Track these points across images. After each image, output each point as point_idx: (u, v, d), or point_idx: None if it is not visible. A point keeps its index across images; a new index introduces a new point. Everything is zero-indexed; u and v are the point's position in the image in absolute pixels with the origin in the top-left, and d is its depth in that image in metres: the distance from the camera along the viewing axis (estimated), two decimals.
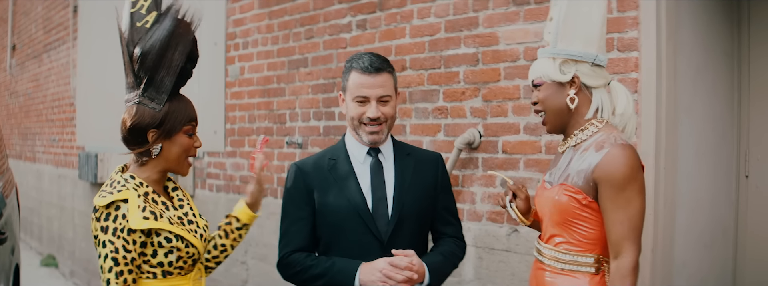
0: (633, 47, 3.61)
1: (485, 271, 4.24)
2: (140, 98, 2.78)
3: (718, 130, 3.84)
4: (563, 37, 2.73)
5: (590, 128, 2.74)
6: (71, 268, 9.86)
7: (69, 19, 10.03)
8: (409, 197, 3.12)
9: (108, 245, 2.65)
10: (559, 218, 2.70)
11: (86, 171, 8.75)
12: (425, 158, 3.26)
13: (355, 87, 3.06)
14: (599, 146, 2.65)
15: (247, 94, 6.19)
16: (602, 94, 2.77)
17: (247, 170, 6.15)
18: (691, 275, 3.73)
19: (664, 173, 3.55)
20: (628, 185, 2.58)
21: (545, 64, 2.76)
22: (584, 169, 2.64)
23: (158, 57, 2.74)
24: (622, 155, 2.59)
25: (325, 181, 3.14)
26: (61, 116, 10.51)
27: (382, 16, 4.91)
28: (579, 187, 2.65)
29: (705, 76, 3.78)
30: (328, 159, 3.19)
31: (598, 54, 2.74)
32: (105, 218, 2.67)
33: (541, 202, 2.82)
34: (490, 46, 4.22)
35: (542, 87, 2.77)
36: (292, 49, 5.69)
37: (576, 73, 2.72)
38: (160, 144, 2.80)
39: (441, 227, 3.24)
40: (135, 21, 2.78)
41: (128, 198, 2.70)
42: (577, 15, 2.72)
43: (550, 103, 2.77)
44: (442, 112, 4.51)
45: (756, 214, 3.81)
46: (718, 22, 3.84)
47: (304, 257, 3.11)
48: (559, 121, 2.79)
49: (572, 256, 2.69)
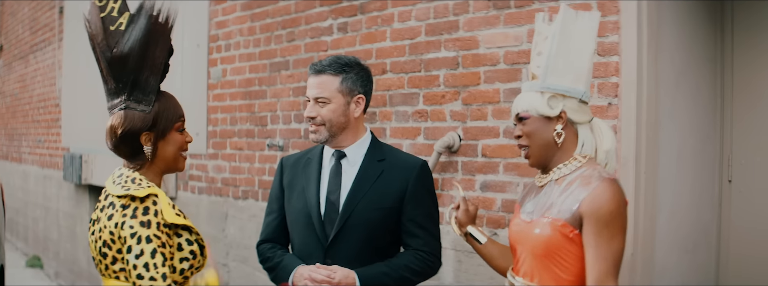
0: (613, 52, 3.58)
1: (464, 274, 4.21)
2: (127, 103, 2.68)
3: (700, 134, 3.82)
4: (554, 72, 2.71)
5: (573, 163, 2.73)
6: (56, 269, 9.84)
7: (55, 21, 10.00)
8: (361, 205, 3.08)
9: (154, 240, 2.52)
10: (542, 252, 2.64)
11: (71, 172, 8.73)
12: (401, 164, 3.19)
13: (308, 88, 3.15)
14: (586, 180, 2.63)
15: (229, 96, 6.17)
16: (586, 131, 2.77)
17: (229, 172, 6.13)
18: (673, 279, 3.71)
19: (644, 177, 3.53)
20: (613, 221, 2.56)
21: (533, 98, 2.73)
22: (571, 203, 2.61)
23: (140, 58, 2.64)
24: (610, 190, 2.58)
25: (296, 179, 3.20)
26: (46, 117, 10.49)
27: (363, 19, 4.89)
28: (566, 220, 2.61)
29: (687, 80, 3.76)
30: (306, 157, 3.24)
31: (586, 90, 2.75)
32: (144, 213, 2.55)
33: (519, 235, 2.76)
34: (471, 50, 4.20)
35: (528, 121, 2.74)
36: (274, 51, 5.66)
37: (564, 109, 2.71)
38: (155, 146, 2.70)
39: (406, 238, 3.17)
40: (107, 25, 2.67)
41: (158, 193, 2.62)
42: (569, 50, 2.71)
43: (536, 138, 2.74)
44: (422, 115, 4.48)
45: (739, 219, 3.80)
46: (701, 25, 3.82)
47: (267, 249, 3.24)
48: (544, 155, 2.76)
49: None
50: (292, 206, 3.18)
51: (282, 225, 3.24)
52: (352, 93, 3.11)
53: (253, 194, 5.84)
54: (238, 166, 6.03)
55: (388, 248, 3.17)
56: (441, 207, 4.31)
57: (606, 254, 2.55)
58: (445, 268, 4.29)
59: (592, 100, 3.63)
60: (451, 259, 4.27)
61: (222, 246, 6.12)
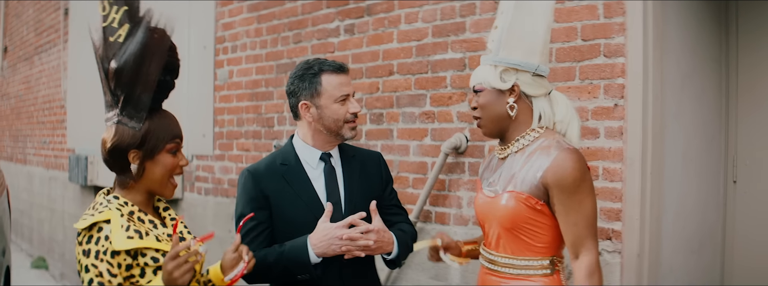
0: (619, 53, 3.60)
1: (471, 275, 4.23)
2: (119, 117, 2.63)
3: (705, 135, 3.84)
4: (506, 45, 2.74)
5: (532, 134, 2.77)
6: (61, 270, 9.84)
7: (60, 22, 10.01)
8: (359, 200, 3.16)
9: (92, 270, 2.48)
10: (510, 225, 2.71)
11: (77, 173, 8.74)
12: (368, 157, 3.32)
13: (333, 88, 3.09)
14: (545, 151, 2.69)
15: (235, 97, 6.18)
16: (543, 103, 2.79)
17: (235, 173, 6.14)
18: (679, 280, 3.73)
19: (650, 178, 3.55)
20: (578, 187, 2.63)
21: (486, 71, 2.78)
22: (532, 174, 2.67)
23: (133, 73, 2.57)
24: (570, 158, 2.64)
25: (280, 186, 3.14)
26: (51, 118, 10.49)
27: (370, 20, 4.90)
28: (529, 192, 2.67)
29: (692, 81, 3.78)
30: (279, 164, 3.18)
31: (540, 64, 2.76)
32: (87, 241, 2.50)
33: (485, 210, 2.82)
34: (477, 52, 4.21)
35: (482, 93, 2.79)
36: (281, 53, 5.68)
37: (516, 82, 2.74)
38: (143, 165, 2.63)
39: (392, 218, 3.28)
40: (107, 35, 2.61)
41: (110, 218, 2.53)
42: (522, 25, 2.74)
43: (489, 110, 2.79)
44: (429, 116, 4.50)
45: (744, 219, 3.82)
46: (706, 27, 3.84)
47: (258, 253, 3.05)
48: (496, 127, 2.81)
49: (527, 261, 2.73)
50: (289, 212, 3.12)
51: (270, 236, 3.15)
52: None
53: None
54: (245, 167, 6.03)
55: None
56: (447, 208, 4.35)
57: (576, 220, 2.64)
58: (452, 269, 4.31)
59: (599, 101, 3.65)
60: None
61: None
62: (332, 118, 3.10)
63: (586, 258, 2.63)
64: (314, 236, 3.03)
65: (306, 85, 3.09)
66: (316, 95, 3.09)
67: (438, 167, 4.33)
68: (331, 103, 3.09)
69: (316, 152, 3.18)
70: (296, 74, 3.13)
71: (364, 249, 3.02)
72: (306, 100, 3.10)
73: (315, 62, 3.12)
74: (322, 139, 3.16)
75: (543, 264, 2.71)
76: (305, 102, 3.10)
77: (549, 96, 2.83)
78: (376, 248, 3.04)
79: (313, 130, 3.15)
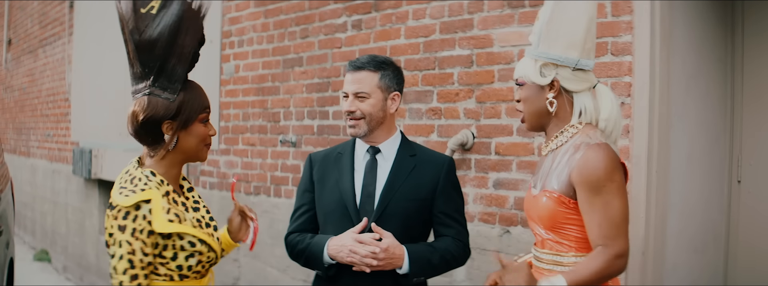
0: (627, 51, 3.61)
1: (477, 271, 4.24)
2: (151, 89, 2.60)
3: (710, 135, 3.85)
4: (545, 39, 2.68)
5: (570, 130, 2.71)
6: (64, 263, 9.86)
7: (65, 15, 10.02)
8: (396, 197, 3.18)
9: (124, 246, 2.49)
10: (550, 223, 2.66)
11: (80, 167, 8.75)
12: (431, 160, 3.30)
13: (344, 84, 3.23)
14: (576, 148, 2.62)
15: (241, 92, 6.19)
16: (585, 99, 2.71)
17: (241, 168, 6.16)
18: (682, 279, 3.74)
19: (656, 176, 3.56)
20: (603, 187, 2.54)
21: (527, 65, 2.73)
22: (563, 172, 2.62)
23: (168, 44, 2.57)
24: (596, 156, 2.56)
25: (328, 173, 3.29)
26: (55, 112, 10.50)
27: (377, 16, 4.91)
28: (560, 191, 2.61)
29: (698, 80, 3.79)
30: (337, 153, 3.34)
31: (581, 58, 2.68)
32: (124, 217, 2.50)
33: (529, 207, 2.78)
34: (485, 48, 4.23)
35: (524, 87, 2.75)
36: (287, 48, 5.69)
37: (556, 77, 2.68)
38: (177, 136, 2.64)
39: (441, 229, 3.26)
40: (138, 7, 2.57)
41: (151, 198, 2.53)
42: (562, 18, 2.66)
43: (529, 104, 2.75)
44: (436, 113, 4.51)
45: (748, 219, 3.82)
46: (712, 27, 3.84)
47: (295, 236, 3.31)
48: (536, 121, 2.77)
49: (574, 258, 2.64)
50: (326, 198, 3.26)
51: (312, 218, 3.32)
52: (389, 90, 3.22)
53: (264, 189, 5.87)
54: (250, 162, 6.06)
55: (421, 239, 3.26)
56: None
57: (600, 221, 2.53)
58: None
59: None
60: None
61: None
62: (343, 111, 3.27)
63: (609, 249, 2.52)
64: (333, 240, 3.14)
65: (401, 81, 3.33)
66: None
67: None
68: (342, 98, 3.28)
69: (364, 145, 3.28)
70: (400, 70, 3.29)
71: (368, 265, 3.06)
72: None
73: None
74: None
75: None
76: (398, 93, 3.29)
77: (594, 90, 2.75)
78: (384, 265, 3.07)
79: None
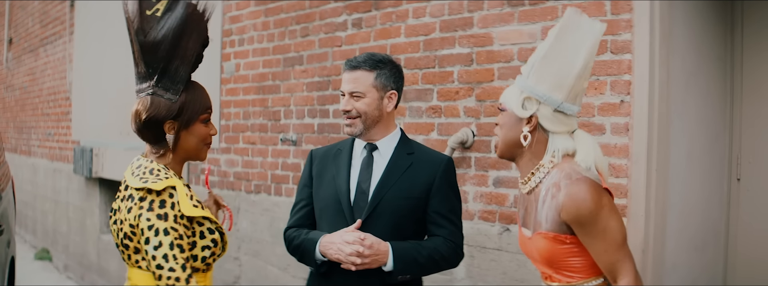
0: (626, 50, 3.62)
1: (476, 269, 4.25)
2: (154, 89, 2.67)
3: (710, 133, 3.85)
4: (536, 73, 2.63)
5: (541, 170, 2.68)
6: (65, 262, 9.87)
7: (66, 14, 10.03)
8: (390, 193, 3.20)
9: (171, 233, 2.54)
10: (553, 261, 2.66)
11: (81, 165, 8.76)
12: (428, 159, 3.30)
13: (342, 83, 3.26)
14: (556, 188, 2.60)
15: (242, 90, 6.20)
16: (560, 140, 2.68)
17: (241, 167, 6.17)
18: (682, 277, 3.74)
19: (655, 175, 3.56)
20: (597, 217, 2.54)
21: (512, 94, 2.69)
22: (551, 212, 2.60)
23: (172, 46, 2.64)
24: (579, 190, 2.55)
25: (326, 168, 3.33)
26: (56, 110, 10.51)
27: (377, 14, 4.92)
28: (554, 230, 2.61)
29: (698, 79, 3.79)
30: (336, 149, 3.37)
31: (564, 102, 2.63)
32: (161, 206, 2.56)
33: (527, 249, 2.78)
34: (485, 47, 4.23)
35: (504, 113, 2.72)
36: (288, 46, 5.70)
37: (536, 113, 2.64)
38: (178, 135, 2.70)
39: (433, 228, 3.26)
40: (144, 9, 2.64)
41: (176, 185, 2.62)
42: (558, 57, 2.62)
43: (505, 132, 2.72)
44: (436, 111, 4.52)
45: (747, 217, 3.83)
46: (712, 25, 3.85)
47: (292, 232, 3.34)
48: (507, 150, 2.75)
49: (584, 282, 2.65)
50: (322, 193, 3.29)
51: (310, 213, 3.35)
52: (385, 88, 3.22)
53: (265, 188, 5.88)
54: (251, 160, 6.07)
55: (414, 238, 3.26)
56: None
57: (606, 247, 2.56)
58: None
59: (605, 97, 3.67)
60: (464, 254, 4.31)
61: (234, 240, 6.15)
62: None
63: (625, 279, 2.56)
64: (325, 237, 3.16)
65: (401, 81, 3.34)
66: None
67: None
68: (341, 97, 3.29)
69: (362, 142, 3.31)
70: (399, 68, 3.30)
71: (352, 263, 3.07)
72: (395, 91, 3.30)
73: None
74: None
75: (599, 283, 2.64)
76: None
77: (572, 135, 2.72)
78: (370, 263, 3.09)
79: None
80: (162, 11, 2.65)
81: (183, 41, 2.65)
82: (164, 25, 2.64)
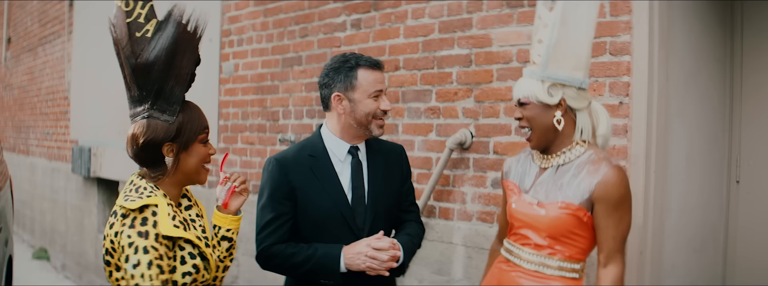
0: (625, 51, 3.62)
1: (474, 270, 4.25)
2: (150, 112, 2.61)
3: (709, 134, 3.85)
4: (554, 61, 2.82)
5: (577, 148, 2.88)
6: (63, 261, 9.86)
7: (65, 13, 10.01)
8: (381, 194, 3.25)
9: (151, 251, 2.45)
10: (556, 233, 2.83)
11: (79, 165, 8.75)
12: (391, 151, 3.37)
13: (368, 83, 3.14)
14: (596, 164, 2.80)
15: (240, 91, 6.19)
16: (585, 117, 2.90)
17: (240, 167, 6.16)
18: (681, 278, 3.74)
19: (654, 176, 3.56)
20: (622, 204, 2.77)
21: (533, 86, 2.86)
22: (584, 186, 2.78)
23: (166, 67, 2.57)
24: (619, 176, 2.77)
25: (307, 178, 3.18)
26: (55, 110, 10.49)
27: (376, 15, 4.92)
28: (580, 204, 2.78)
29: (697, 80, 3.79)
30: (307, 155, 3.22)
31: (585, 78, 2.86)
32: (142, 223, 2.48)
33: (527, 217, 2.89)
34: (484, 48, 4.23)
35: (529, 106, 2.88)
36: (287, 47, 5.69)
37: (563, 96, 2.84)
38: (177, 157, 2.63)
39: (404, 215, 3.40)
40: (133, 31, 2.58)
41: (158, 204, 2.53)
42: (568, 40, 2.81)
43: (537, 123, 2.88)
44: (435, 112, 4.52)
45: (746, 219, 3.83)
46: (711, 26, 3.85)
47: (284, 247, 3.15)
48: (544, 139, 2.90)
49: (562, 263, 2.84)
50: (316, 205, 3.16)
51: (293, 228, 3.20)
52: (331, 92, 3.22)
53: None
54: (249, 160, 6.06)
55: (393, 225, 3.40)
56: (451, 203, 4.37)
57: (615, 234, 2.78)
58: (455, 264, 4.33)
59: (604, 98, 3.67)
60: (462, 255, 4.31)
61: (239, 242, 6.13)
62: (364, 112, 3.14)
63: (616, 269, 2.79)
64: (349, 249, 3.11)
65: (341, 78, 3.14)
66: (350, 88, 3.13)
67: (442, 163, 4.34)
68: (365, 98, 3.14)
69: (344, 145, 3.23)
70: (332, 66, 3.17)
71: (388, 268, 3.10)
72: (339, 93, 3.14)
73: (352, 56, 3.17)
74: (352, 133, 3.20)
75: (575, 268, 2.84)
76: (338, 94, 3.14)
77: (589, 108, 2.93)
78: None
79: (342, 123, 3.19)
80: (152, 32, 2.59)
81: (176, 61, 2.59)
82: (156, 46, 2.57)
